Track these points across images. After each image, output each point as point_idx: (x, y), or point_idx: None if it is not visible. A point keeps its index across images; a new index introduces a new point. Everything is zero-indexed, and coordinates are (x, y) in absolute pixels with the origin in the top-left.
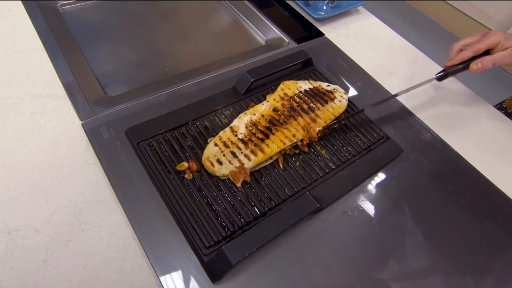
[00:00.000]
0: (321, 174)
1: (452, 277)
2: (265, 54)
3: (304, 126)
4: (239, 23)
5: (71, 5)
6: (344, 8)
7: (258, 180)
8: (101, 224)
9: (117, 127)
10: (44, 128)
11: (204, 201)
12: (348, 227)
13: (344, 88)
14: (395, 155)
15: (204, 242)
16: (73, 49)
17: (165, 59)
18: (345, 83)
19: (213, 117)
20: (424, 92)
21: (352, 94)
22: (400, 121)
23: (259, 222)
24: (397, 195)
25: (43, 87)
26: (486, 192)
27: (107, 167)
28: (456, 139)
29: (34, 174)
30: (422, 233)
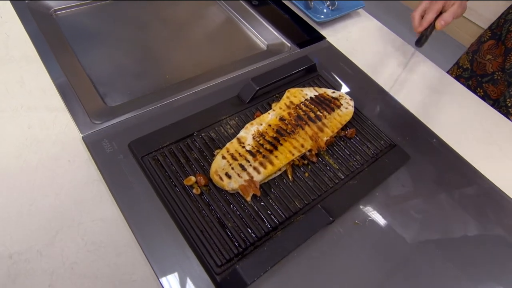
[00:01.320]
0: (331, 184)
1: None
2: (268, 59)
3: (312, 135)
4: (239, 27)
5: (65, 10)
6: (344, 11)
7: (268, 193)
8: (107, 244)
9: (119, 139)
10: (43, 143)
11: (213, 217)
12: (360, 239)
13: (349, 94)
14: (403, 163)
15: (215, 260)
16: (69, 57)
17: (165, 66)
18: (350, 89)
19: (219, 127)
20: (427, 96)
21: (357, 100)
22: (405, 126)
23: (271, 237)
24: (406, 204)
25: (40, 98)
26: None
27: (111, 183)
28: (461, 143)
29: (34, 192)
30: (434, 241)
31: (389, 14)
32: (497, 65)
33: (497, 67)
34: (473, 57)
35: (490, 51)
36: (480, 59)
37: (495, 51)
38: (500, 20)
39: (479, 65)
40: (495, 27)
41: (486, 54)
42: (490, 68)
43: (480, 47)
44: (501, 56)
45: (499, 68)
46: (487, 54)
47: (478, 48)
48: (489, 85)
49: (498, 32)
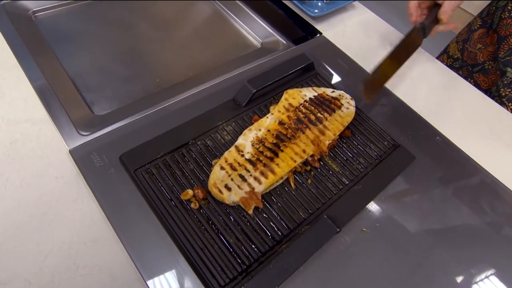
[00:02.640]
0: (335, 191)
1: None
2: (262, 58)
3: (313, 139)
4: (231, 24)
5: (45, 11)
6: (339, 5)
7: (270, 204)
8: (102, 267)
9: (109, 152)
10: (27, 159)
11: (214, 233)
12: (367, 247)
13: (348, 92)
14: (408, 163)
15: (218, 280)
16: (52, 63)
17: (154, 68)
18: (349, 87)
19: (215, 134)
20: (428, 91)
21: (357, 98)
22: (408, 125)
23: (275, 252)
24: (412, 207)
25: (22, 109)
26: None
27: (103, 200)
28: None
29: (19, 214)
30: (445, 245)
31: (384, 6)
32: (487, 54)
33: (488, 56)
34: (463, 46)
35: (481, 40)
36: (470, 48)
37: (485, 39)
38: (490, 7)
39: (469, 55)
40: (485, 15)
41: (476, 43)
42: (481, 57)
43: (471, 35)
44: (492, 45)
45: (490, 57)
46: (477, 43)
47: (469, 37)
48: (479, 75)
49: (489, 20)
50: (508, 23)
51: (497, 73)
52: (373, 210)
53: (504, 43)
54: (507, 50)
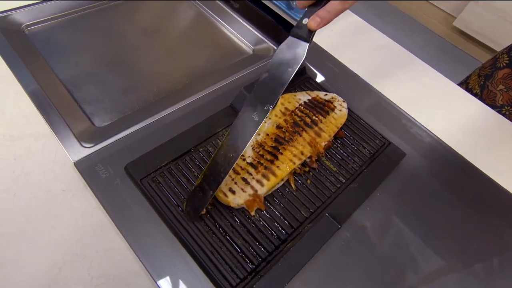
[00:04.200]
0: (333, 189)
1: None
2: (255, 64)
3: (310, 141)
4: (223, 32)
5: (37, 24)
6: None
7: (273, 205)
8: (115, 276)
9: (114, 163)
10: (33, 174)
11: (222, 236)
12: (367, 241)
13: (339, 94)
14: (399, 160)
15: (229, 280)
16: (49, 76)
17: (151, 79)
18: (339, 89)
19: (215, 140)
20: (413, 89)
21: (347, 99)
22: (396, 123)
23: (281, 250)
24: (406, 201)
25: (24, 125)
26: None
27: (111, 210)
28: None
29: (30, 228)
30: (437, 235)
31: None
32: (508, 98)
33: (508, 101)
34: (484, 82)
35: (504, 81)
36: (491, 87)
37: (509, 82)
38: None
39: (489, 94)
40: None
41: (499, 84)
42: (500, 100)
43: (494, 73)
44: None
45: (509, 102)
46: (500, 84)
47: (492, 73)
48: None
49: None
50: None
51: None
52: (370, 206)
53: None
54: None
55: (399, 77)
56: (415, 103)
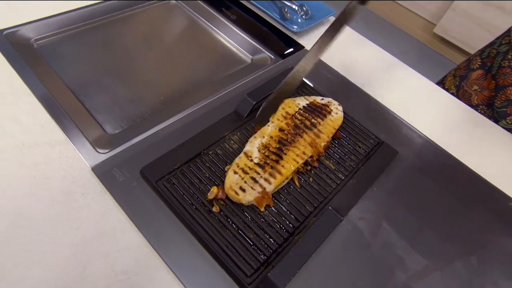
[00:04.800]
0: (334, 186)
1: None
2: (255, 72)
3: (310, 142)
4: (222, 43)
5: (45, 39)
6: (317, 20)
7: (280, 201)
8: (137, 271)
9: (129, 167)
10: (53, 179)
11: (235, 231)
12: (367, 232)
13: (334, 99)
14: (392, 158)
15: (244, 271)
16: (60, 87)
17: (156, 88)
18: (334, 94)
19: (223, 144)
20: (401, 92)
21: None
22: (388, 124)
23: (290, 242)
24: (400, 194)
25: (40, 133)
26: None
27: (130, 211)
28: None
29: (53, 230)
30: (428, 224)
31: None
32: (482, 98)
33: (482, 101)
34: (460, 83)
35: (478, 82)
36: (466, 88)
37: (483, 82)
38: (492, 50)
39: (464, 94)
40: (485, 57)
41: (473, 84)
42: (475, 100)
43: (469, 74)
44: (488, 89)
45: (484, 102)
46: (474, 84)
47: (466, 74)
48: None
49: (489, 63)
50: (507, 72)
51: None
52: (368, 200)
53: (502, 93)
54: (504, 101)
55: (388, 81)
56: (403, 105)
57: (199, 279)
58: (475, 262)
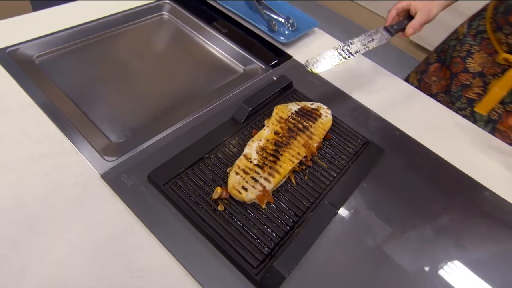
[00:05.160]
0: (327, 183)
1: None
2: (248, 82)
3: (304, 144)
4: (215, 55)
5: (46, 55)
6: (303, 31)
7: (279, 199)
8: (151, 268)
9: (137, 172)
10: (65, 187)
11: (239, 227)
12: (360, 224)
13: (323, 103)
14: (379, 156)
15: (251, 263)
16: (64, 100)
17: (156, 98)
18: (322, 99)
19: (223, 148)
20: (383, 96)
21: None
22: (373, 125)
23: (290, 236)
24: (388, 189)
25: (49, 144)
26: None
27: (140, 214)
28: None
29: (70, 234)
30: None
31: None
32: (440, 86)
33: (441, 89)
34: (421, 76)
35: (435, 73)
36: (426, 80)
37: (439, 73)
38: (444, 45)
39: (425, 85)
40: (440, 51)
41: (432, 76)
42: (435, 89)
43: (428, 68)
44: (444, 79)
45: (442, 90)
46: (432, 76)
47: (426, 68)
48: None
49: (443, 57)
50: (458, 61)
51: (448, 105)
52: (359, 195)
53: (456, 80)
54: (459, 86)
55: (370, 86)
56: (385, 106)
57: (209, 273)
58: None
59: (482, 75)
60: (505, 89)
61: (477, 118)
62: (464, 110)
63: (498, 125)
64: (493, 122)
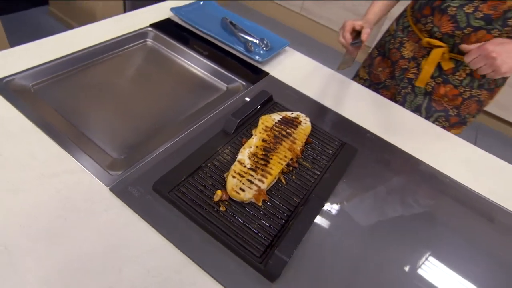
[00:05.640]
0: (312, 180)
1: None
2: (232, 98)
3: (289, 148)
4: (199, 76)
5: (41, 84)
6: (276, 50)
7: (273, 197)
8: (166, 267)
9: (142, 183)
10: (76, 201)
11: (241, 224)
12: (347, 212)
13: (303, 112)
14: (354, 155)
15: (255, 254)
16: (63, 123)
17: (149, 118)
18: (300, 108)
19: (218, 156)
20: (351, 103)
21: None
22: (346, 128)
23: (286, 227)
24: (365, 181)
25: (56, 164)
26: (418, 167)
27: (149, 219)
28: (386, 132)
29: (87, 244)
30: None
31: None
32: (386, 74)
33: (387, 76)
34: (369, 70)
35: (380, 65)
36: (374, 71)
37: (383, 64)
38: (381, 41)
39: (375, 76)
40: (379, 46)
41: (377, 67)
42: (383, 77)
43: (373, 61)
44: (388, 67)
45: (388, 76)
46: (378, 67)
47: (372, 62)
48: (383, 90)
49: (382, 50)
50: (395, 52)
51: (395, 87)
52: (341, 189)
53: (397, 66)
54: (400, 70)
55: (340, 95)
56: (355, 112)
57: (219, 267)
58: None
59: (415, 58)
60: (432, 65)
61: (417, 92)
62: (406, 88)
63: (433, 96)
64: (429, 94)
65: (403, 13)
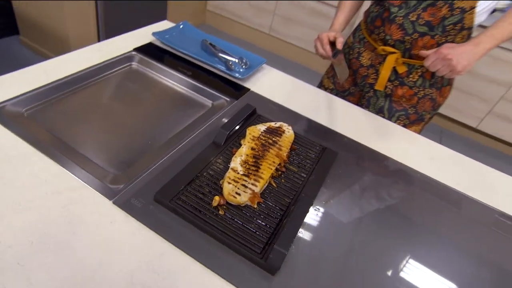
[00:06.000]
0: (300, 182)
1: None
2: (218, 113)
3: (276, 154)
4: (185, 94)
5: (33, 109)
6: (254, 68)
7: (266, 199)
8: (175, 270)
9: (143, 195)
10: (81, 216)
11: (240, 225)
12: (333, 210)
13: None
14: (335, 158)
15: (255, 250)
16: (60, 143)
17: (143, 135)
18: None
19: (212, 166)
20: (327, 112)
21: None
22: (326, 135)
23: (281, 226)
24: (346, 180)
25: (59, 182)
26: (380, 160)
27: (154, 228)
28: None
29: (97, 254)
30: (369, 196)
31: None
32: (349, 82)
33: (350, 84)
34: (333, 80)
35: None
36: (337, 81)
37: None
38: None
39: (339, 85)
40: None
41: None
42: (347, 85)
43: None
44: (350, 76)
45: (352, 84)
46: None
47: (334, 73)
48: (349, 96)
49: None
50: (354, 61)
51: (359, 93)
52: (326, 189)
53: (358, 74)
54: (361, 77)
55: (315, 105)
56: (329, 119)
57: (223, 265)
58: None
59: (373, 65)
60: (388, 70)
61: (378, 95)
62: (369, 92)
63: (393, 97)
64: (389, 96)
65: (358, 27)
